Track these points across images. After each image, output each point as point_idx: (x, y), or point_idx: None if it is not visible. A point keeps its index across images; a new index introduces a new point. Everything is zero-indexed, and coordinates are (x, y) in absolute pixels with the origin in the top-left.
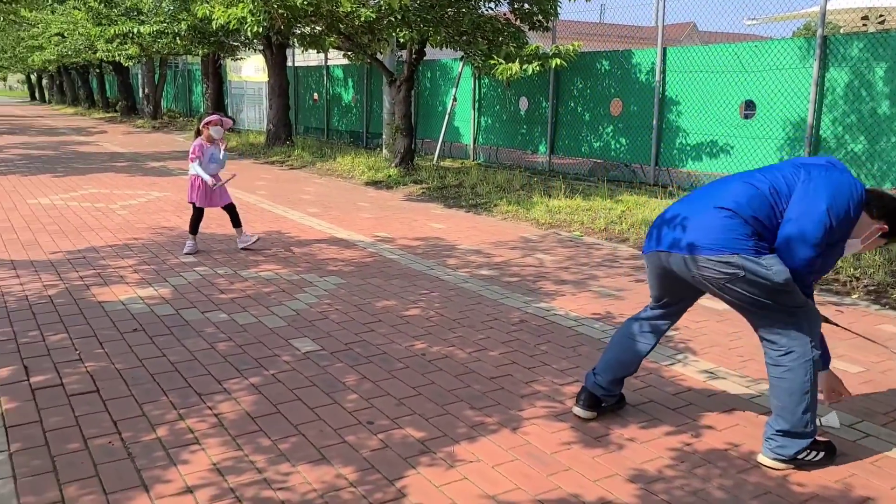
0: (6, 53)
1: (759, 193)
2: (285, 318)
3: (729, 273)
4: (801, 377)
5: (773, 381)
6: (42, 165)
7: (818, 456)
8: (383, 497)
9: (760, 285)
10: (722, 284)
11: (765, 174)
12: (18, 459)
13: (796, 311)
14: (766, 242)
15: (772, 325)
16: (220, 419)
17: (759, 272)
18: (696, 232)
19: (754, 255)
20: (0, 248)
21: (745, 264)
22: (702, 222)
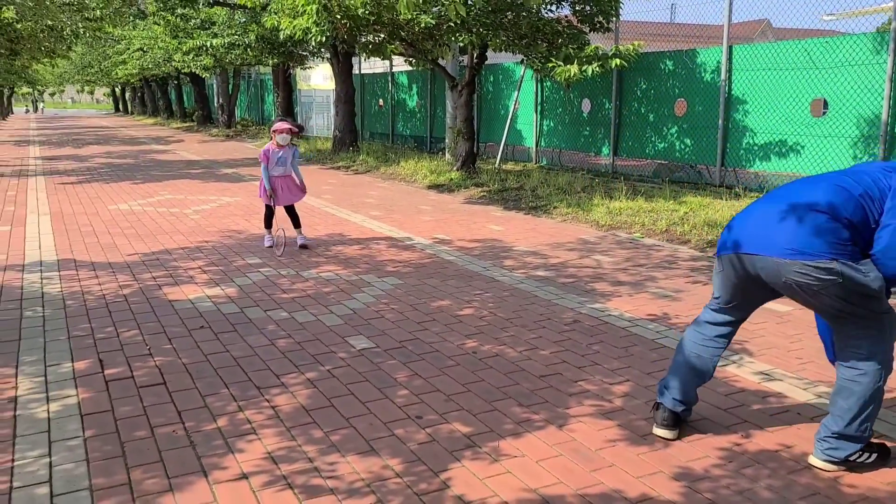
0: (93, 68)
1: (851, 197)
2: (343, 316)
3: (827, 280)
4: (873, 383)
5: (844, 384)
6: (123, 173)
7: (871, 458)
8: (427, 488)
9: (855, 292)
10: (815, 291)
11: (853, 177)
12: (91, 444)
13: (882, 318)
14: (859, 248)
15: (857, 329)
16: (277, 411)
17: (857, 279)
18: (790, 235)
19: (853, 262)
20: (82, 251)
21: (844, 271)
22: (796, 225)
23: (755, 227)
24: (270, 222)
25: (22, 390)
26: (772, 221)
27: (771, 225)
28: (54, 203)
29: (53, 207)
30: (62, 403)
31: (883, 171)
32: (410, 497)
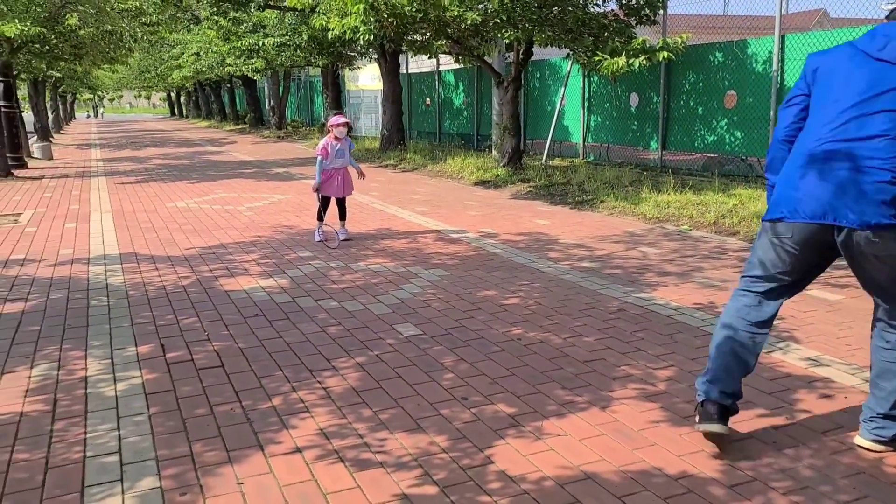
0: (150, 73)
1: None
2: (390, 305)
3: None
4: None
5: (886, 366)
6: (179, 173)
7: None
8: (471, 463)
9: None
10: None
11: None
12: (156, 420)
13: None
14: None
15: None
16: (328, 392)
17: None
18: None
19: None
20: (142, 246)
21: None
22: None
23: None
24: (323, 216)
25: (91, 371)
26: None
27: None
28: (115, 201)
29: (115, 205)
30: (128, 383)
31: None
32: (455, 471)
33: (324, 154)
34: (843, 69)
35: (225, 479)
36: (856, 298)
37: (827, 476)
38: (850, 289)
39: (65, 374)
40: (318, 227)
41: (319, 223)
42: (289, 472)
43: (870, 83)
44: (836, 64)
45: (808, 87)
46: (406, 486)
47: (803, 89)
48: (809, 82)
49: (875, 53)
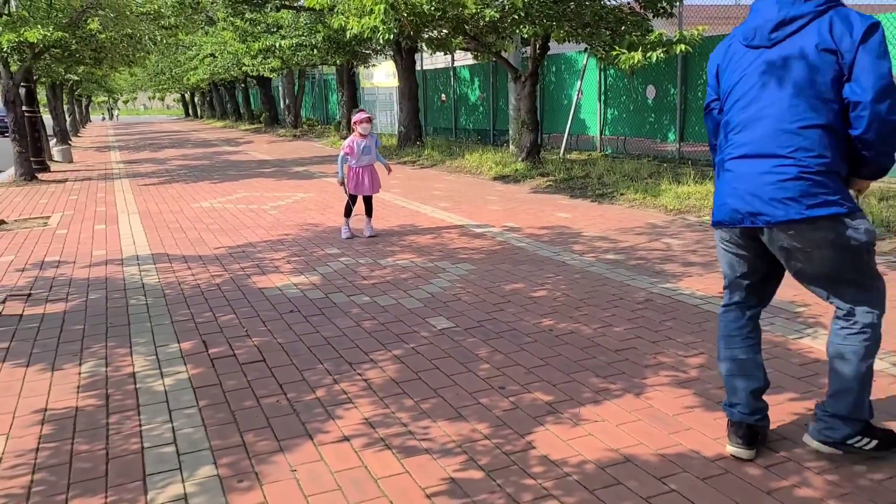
0: (165, 75)
1: None
2: (421, 299)
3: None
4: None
5: (839, 359)
6: (200, 174)
7: (870, 444)
8: (513, 448)
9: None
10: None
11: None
12: (206, 413)
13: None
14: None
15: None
16: (369, 383)
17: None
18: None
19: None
20: (172, 245)
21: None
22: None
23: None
24: (350, 212)
25: (138, 367)
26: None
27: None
28: (141, 203)
29: (141, 207)
30: (175, 378)
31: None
32: (499, 456)
33: (350, 152)
34: (733, 64)
35: (278, 467)
36: None
37: (859, 456)
38: None
39: (113, 371)
40: (345, 224)
41: (346, 220)
42: (338, 459)
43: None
44: (729, 59)
45: (716, 91)
46: (452, 470)
47: (711, 95)
48: (714, 85)
49: (748, 41)
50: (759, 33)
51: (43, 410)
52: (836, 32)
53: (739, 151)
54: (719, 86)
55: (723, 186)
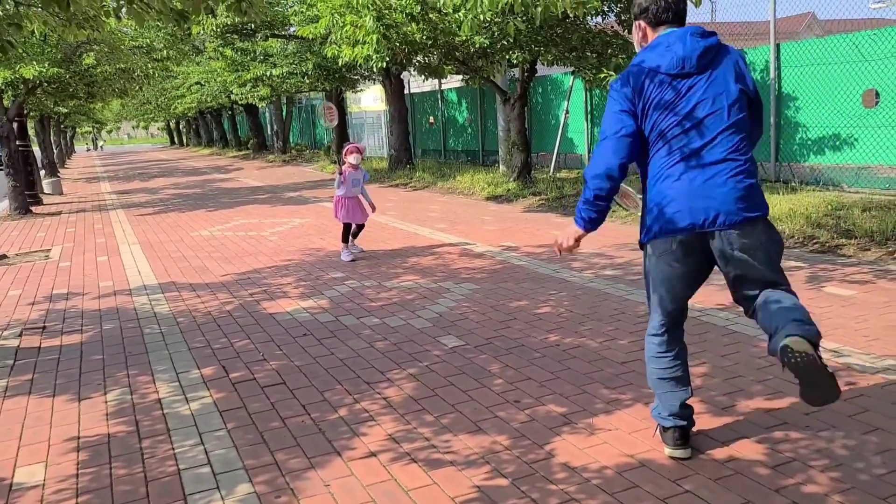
0: (151, 104)
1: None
2: (430, 319)
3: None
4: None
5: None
6: (194, 202)
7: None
8: (535, 457)
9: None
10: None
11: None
12: (235, 434)
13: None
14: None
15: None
16: (388, 401)
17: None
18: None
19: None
20: (178, 274)
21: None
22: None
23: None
24: (347, 237)
25: (163, 393)
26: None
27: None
28: (140, 233)
29: (140, 237)
30: (200, 403)
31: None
32: (522, 465)
33: (345, 178)
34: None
35: (312, 483)
36: (868, 293)
37: (860, 454)
38: (860, 284)
39: (139, 398)
40: (344, 248)
41: (344, 244)
42: (369, 473)
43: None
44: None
45: (632, 116)
46: (479, 480)
47: (627, 120)
48: (629, 111)
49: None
50: (687, 62)
51: (76, 438)
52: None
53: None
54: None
55: (678, 194)
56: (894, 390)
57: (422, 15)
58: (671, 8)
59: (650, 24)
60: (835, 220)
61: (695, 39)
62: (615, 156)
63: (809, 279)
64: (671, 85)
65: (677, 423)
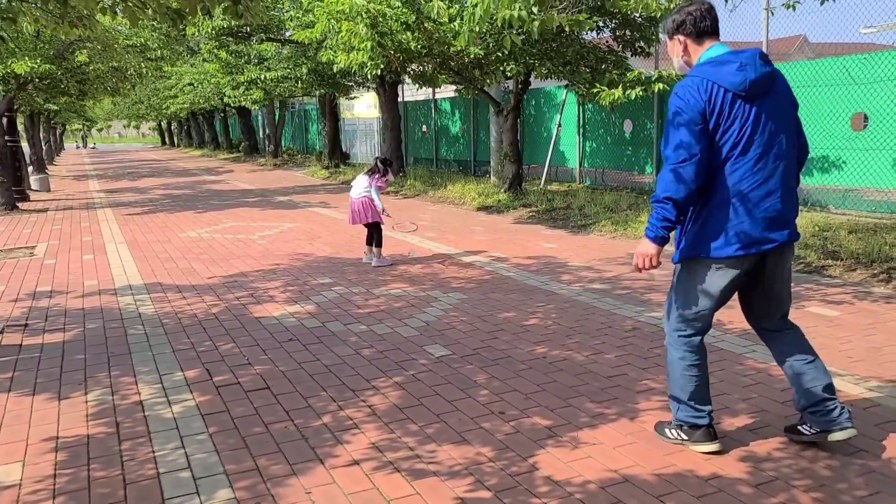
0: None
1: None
2: (417, 328)
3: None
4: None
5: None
6: (184, 203)
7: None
8: (518, 470)
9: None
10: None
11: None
12: (217, 438)
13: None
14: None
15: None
16: (373, 409)
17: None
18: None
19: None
20: (164, 275)
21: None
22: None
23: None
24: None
25: (144, 395)
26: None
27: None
28: (127, 232)
29: (127, 236)
30: (183, 406)
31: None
32: (505, 477)
33: (383, 186)
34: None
35: (294, 490)
36: (853, 314)
37: (842, 475)
38: (845, 305)
39: (119, 399)
40: (376, 254)
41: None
42: (351, 481)
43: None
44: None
45: (701, 137)
46: (462, 491)
47: (696, 141)
48: (700, 131)
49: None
50: (758, 86)
51: (55, 438)
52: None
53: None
54: (713, 131)
55: (744, 216)
56: (877, 412)
57: (417, 24)
58: (707, 17)
59: (691, 36)
60: (822, 241)
61: (763, 64)
62: (694, 182)
63: (795, 298)
64: (741, 106)
65: (711, 414)
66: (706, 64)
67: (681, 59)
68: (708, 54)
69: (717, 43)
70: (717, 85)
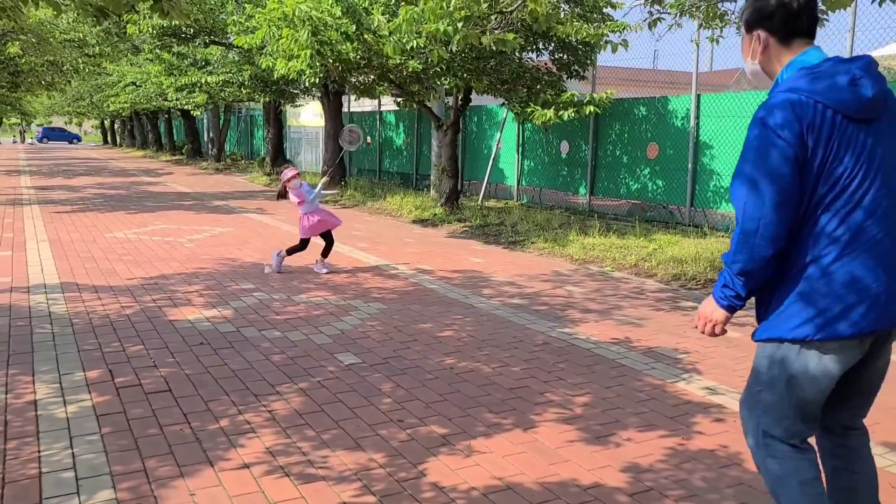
0: (84, 101)
1: None
2: (331, 336)
3: None
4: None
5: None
6: (116, 203)
7: None
8: (407, 476)
9: None
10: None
11: None
12: (108, 439)
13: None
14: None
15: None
16: (273, 415)
17: None
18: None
19: None
20: (83, 275)
21: None
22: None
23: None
24: (327, 251)
25: (40, 394)
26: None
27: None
28: (52, 230)
29: (51, 234)
30: (78, 406)
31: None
32: (392, 483)
33: (297, 193)
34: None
35: (178, 492)
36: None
37: (715, 486)
38: (747, 327)
39: (13, 398)
40: (320, 262)
41: (322, 259)
42: (238, 484)
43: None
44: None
45: (797, 173)
46: (347, 496)
47: (790, 180)
48: (796, 165)
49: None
50: (874, 106)
51: None
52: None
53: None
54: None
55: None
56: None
57: (357, 35)
58: (804, 11)
59: (777, 34)
60: None
61: (880, 76)
62: (781, 224)
63: None
64: (850, 130)
65: None
66: (803, 75)
67: (755, 63)
68: (803, 61)
69: (813, 47)
70: (823, 104)
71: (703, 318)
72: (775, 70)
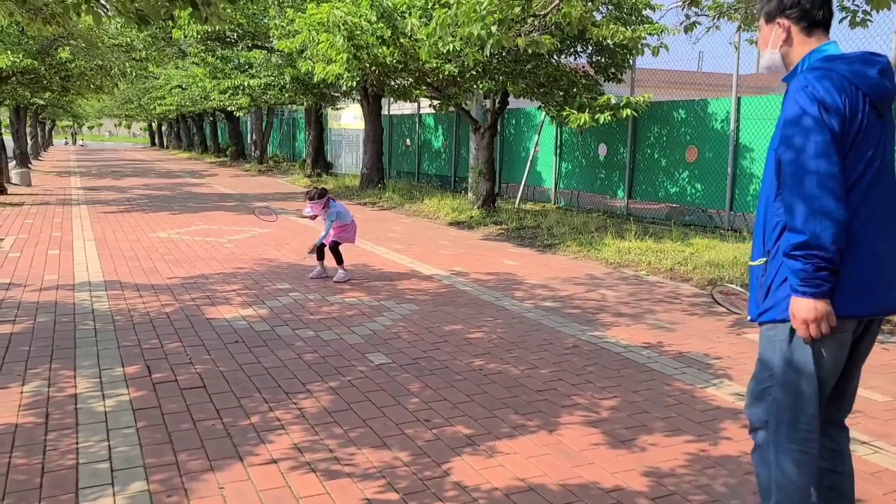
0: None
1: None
2: (363, 336)
3: None
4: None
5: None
6: (160, 204)
7: None
8: (431, 475)
9: None
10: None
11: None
12: (143, 433)
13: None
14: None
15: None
16: (303, 412)
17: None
18: None
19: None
20: (126, 274)
21: None
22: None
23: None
24: (340, 258)
25: (81, 388)
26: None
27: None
28: (98, 230)
29: (97, 234)
30: (116, 400)
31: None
32: (415, 481)
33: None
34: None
35: (208, 485)
36: None
37: (737, 493)
38: None
39: (55, 391)
40: (341, 269)
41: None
42: (265, 479)
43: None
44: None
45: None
46: (371, 493)
47: (833, 133)
48: (837, 124)
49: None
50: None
51: None
52: None
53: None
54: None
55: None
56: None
57: (392, 39)
58: (825, 3)
59: (801, 23)
60: None
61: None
62: (842, 200)
63: (734, 325)
64: (872, 118)
65: None
66: (834, 58)
67: (776, 52)
68: (825, 50)
69: (831, 41)
70: (856, 86)
71: (801, 324)
72: (793, 60)
